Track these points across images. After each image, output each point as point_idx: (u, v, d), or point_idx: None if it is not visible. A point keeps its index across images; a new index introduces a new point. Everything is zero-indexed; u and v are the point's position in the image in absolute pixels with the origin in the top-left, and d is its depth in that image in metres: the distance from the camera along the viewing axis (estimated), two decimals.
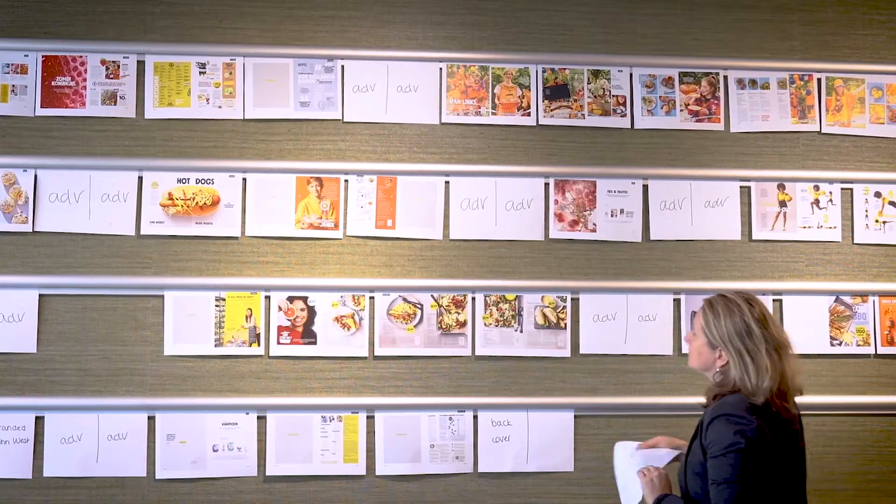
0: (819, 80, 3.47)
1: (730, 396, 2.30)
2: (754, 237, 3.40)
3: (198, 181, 3.26)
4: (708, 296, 3.20)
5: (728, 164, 3.42)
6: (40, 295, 3.19)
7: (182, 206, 3.25)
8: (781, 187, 3.42)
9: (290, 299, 3.26)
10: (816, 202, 3.42)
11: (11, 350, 3.17)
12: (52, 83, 3.27)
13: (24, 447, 3.14)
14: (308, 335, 3.25)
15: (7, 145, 3.23)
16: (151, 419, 3.17)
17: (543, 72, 3.40)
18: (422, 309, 3.28)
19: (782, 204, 3.41)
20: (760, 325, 2.31)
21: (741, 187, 3.41)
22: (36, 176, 3.23)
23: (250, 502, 3.18)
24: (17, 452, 3.13)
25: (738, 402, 2.27)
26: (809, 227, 3.41)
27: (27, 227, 3.21)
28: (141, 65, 3.29)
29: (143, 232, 3.24)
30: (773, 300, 3.37)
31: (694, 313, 3.32)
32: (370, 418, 3.24)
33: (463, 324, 3.29)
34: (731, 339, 2.32)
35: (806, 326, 3.36)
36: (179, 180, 3.26)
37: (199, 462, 3.18)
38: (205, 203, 3.26)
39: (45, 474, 3.14)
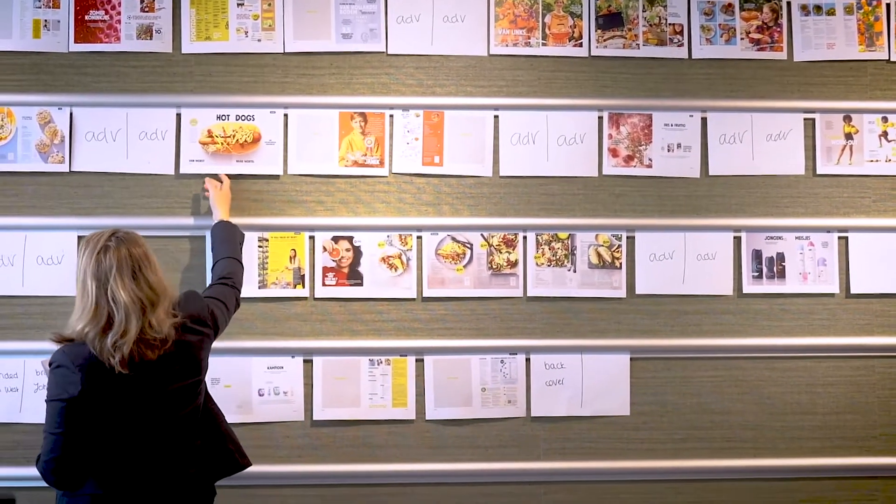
0: (888, 6, 3.29)
1: (68, 345, 2.24)
2: (819, 172, 3.25)
3: (238, 118, 3.15)
4: (770, 234, 3.15)
5: (791, 95, 3.25)
6: (79, 237, 3.10)
7: (222, 143, 3.14)
8: (848, 119, 3.26)
9: (335, 239, 3.15)
10: (885, 134, 3.26)
11: (51, 293, 3.09)
12: (86, 18, 3.15)
13: None
14: (354, 276, 3.15)
15: (41, 83, 3.13)
16: None
17: None
18: (471, 249, 3.17)
19: (848, 136, 3.25)
20: (113, 269, 2.21)
21: (805, 119, 3.25)
22: (71, 114, 3.13)
23: (297, 447, 3.11)
24: None
25: (72, 353, 2.21)
26: (877, 160, 3.26)
27: (63, 167, 3.12)
28: None
29: (182, 171, 3.13)
30: (839, 237, 3.23)
31: (755, 251, 3.20)
32: (419, 361, 3.15)
33: (514, 264, 3.17)
34: (78, 279, 2.25)
35: (874, 265, 3.22)
36: (219, 117, 3.15)
37: (244, 407, 3.10)
38: (245, 140, 3.14)
39: None
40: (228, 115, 3.15)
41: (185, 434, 2.38)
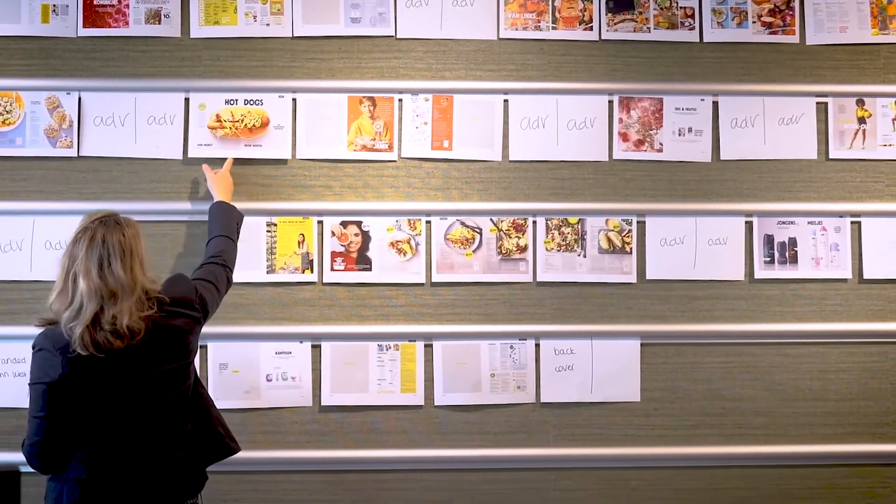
0: None
1: (49, 329, 2.24)
2: (831, 156, 3.21)
3: (246, 102, 3.14)
4: (782, 218, 3.12)
5: (803, 78, 3.22)
6: None
7: (230, 128, 3.12)
8: (860, 103, 3.22)
9: (344, 224, 3.13)
10: None
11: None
12: (94, 2, 3.15)
13: None
14: (363, 261, 3.13)
15: (50, 67, 3.13)
16: (203, 348, 3.07)
17: None
18: (480, 233, 3.15)
19: (861, 121, 3.22)
20: (82, 252, 2.21)
21: (817, 103, 3.22)
22: (80, 99, 3.12)
23: (305, 433, 3.10)
24: None
25: (53, 337, 2.22)
26: (891, 144, 3.22)
27: (72, 152, 3.11)
28: None
29: (190, 155, 3.12)
30: (852, 223, 3.20)
31: (767, 236, 3.17)
32: (428, 347, 3.13)
33: (524, 249, 3.15)
34: (63, 256, 2.27)
35: (886, 250, 3.19)
36: (227, 101, 3.13)
37: (252, 392, 3.09)
38: (254, 125, 3.13)
39: None
40: (237, 100, 3.13)
41: (173, 418, 2.36)
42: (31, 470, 2.34)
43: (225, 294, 2.65)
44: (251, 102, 3.14)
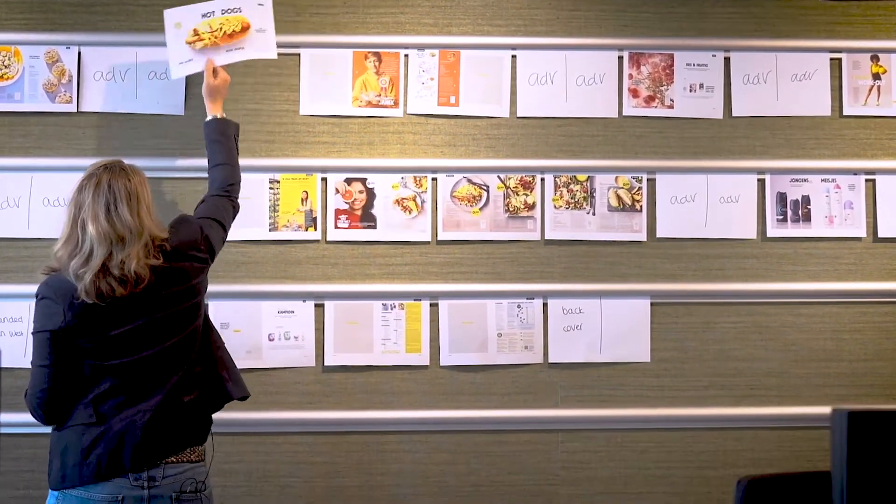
0: None
1: (52, 276, 2.23)
2: (845, 112, 3.17)
3: (223, 12, 2.94)
4: (795, 176, 3.08)
5: (817, 33, 3.18)
6: None
7: (209, 38, 2.86)
8: (875, 59, 3.17)
9: (349, 181, 3.08)
10: None
11: (57, 236, 2.91)
12: None
13: None
14: (367, 219, 3.08)
15: (49, 21, 3.07)
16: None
17: None
18: (488, 191, 3.10)
19: (876, 77, 3.17)
20: (89, 198, 2.21)
21: (831, 59, 3.17)
22: (79, 53, 3.07)
23: (308, 393, 3.05)
24: None
25: (55, 284, 2.21)
26: None
27: (71, 108, 3.06)
28: None
29: (173, 77, 2.98)
30: (866, 180, 3.15)
31: (780, 194, 3.12)
32: (433, 306, 3.08)
33: (531, 206, 3.10)
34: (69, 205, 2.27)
35: None
36: (203, 15, 2.94)
37: (254, 352, 3.03)
38: (233, 30, 2.88)
39: None
40: (213, 11, 2.88)
41: (181, 360, 2.32)
42: (28, 433, 2.30)
43: (232, 222, 2.63)
44: (228, 11, 2.91)
